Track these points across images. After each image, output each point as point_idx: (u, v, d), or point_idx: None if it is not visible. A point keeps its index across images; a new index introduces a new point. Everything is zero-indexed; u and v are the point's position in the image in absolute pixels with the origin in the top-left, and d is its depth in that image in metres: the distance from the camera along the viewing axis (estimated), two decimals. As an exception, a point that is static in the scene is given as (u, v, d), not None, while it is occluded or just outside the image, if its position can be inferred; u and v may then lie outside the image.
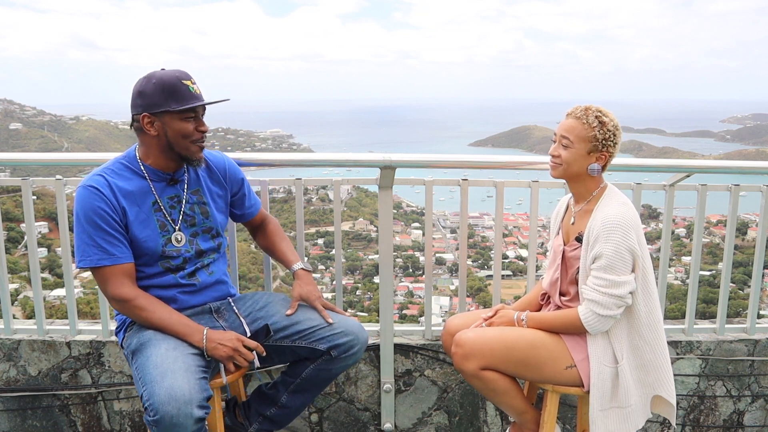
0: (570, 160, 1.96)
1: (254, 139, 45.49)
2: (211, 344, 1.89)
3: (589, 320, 1.91)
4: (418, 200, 27.63)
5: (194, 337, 1.90)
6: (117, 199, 1.92)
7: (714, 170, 2.78)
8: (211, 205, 2.11)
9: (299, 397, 2.18)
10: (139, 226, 1.96)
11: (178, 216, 2.04)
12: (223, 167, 2.18)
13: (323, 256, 21.59)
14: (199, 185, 2.10)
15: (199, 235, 2.08)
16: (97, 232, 1.89)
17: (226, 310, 2.14)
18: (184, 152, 1.97)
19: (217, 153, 2.21)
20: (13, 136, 39.46)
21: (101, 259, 1.90)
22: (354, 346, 2.08)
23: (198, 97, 1.93)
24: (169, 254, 2.01)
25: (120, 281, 1.93)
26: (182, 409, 1.67)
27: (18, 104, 44.36)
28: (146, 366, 1.81)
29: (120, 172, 1.97)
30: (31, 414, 2.69)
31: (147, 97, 1.91)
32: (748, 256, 8.11)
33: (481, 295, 17.33)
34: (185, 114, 1.92)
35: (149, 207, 1.99)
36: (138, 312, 1.93)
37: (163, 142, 1.95)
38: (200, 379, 1.78)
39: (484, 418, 2.76)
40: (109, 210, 1.90)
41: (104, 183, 1.92)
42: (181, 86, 1.90)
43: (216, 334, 1.92)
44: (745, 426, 2.86)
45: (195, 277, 2.08)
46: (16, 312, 9.39)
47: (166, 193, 2.03)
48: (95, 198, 1.89)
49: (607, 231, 1.87)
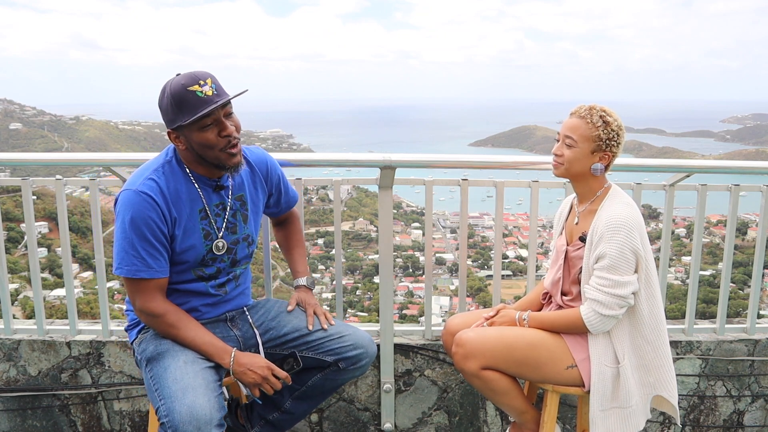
0: (573, 159, 1.96)
1: (254, 139, 45.47)
2: (239, 368, 1.86)
3: (591, 320, 1.91)
4: (418, 200, 27.63)
5: (223, 360, 1.86)
6: (169, 208, 1.84)
7: (714, 170, 2.78)
8: (251, 210, 2.05)
9: (303, 404, 2.17)
10: (185, 234, 1.89)
11: (222, 224, 1.97)
12: (265, 167, 2.10)
13: (323, 256, 21.59)
14: (243, 190, 2.02)
15: (239, 243, 2.02)
16: (142, 243, 1.81)
17: (240, 319, 2.11)
18: (216, 161, 1.85)
19: (257, 150, 2.11)
20: (13, 136, 39.45)
21: (139, 270, 1.82)
22: (362, 359, 2.07)
23: (208, 101, 1.76)
24: (206, 262, 1.96)
25: (152, 295, 1.87)
26: (202, 429, 1.65)
27: (18, 104, 44.35)
28: (164, 379, 1.77)
29: (170, 176, 1.88)
30: (31, 414, 2.69)
31: (164, 114, 1.82)
32: (748, 256, 8.11)
33: (481, 295, 17.33)
34: (201, 123, 1.78)
35: (196, 215, 1.91)
36: (167, 328, 1.88)
37: (194, 154, 1.86)
38: (218, 396, 1.76)
39: (484, 418, 2.76)
40: (160, 222, 1.82)
41: (157, 189, 1.83)
42: (187, 95, 1.75)
43: (245, 358, 1.88)
44: (745, 426, 2.86)
45: (224, 288, 2.04)
46: (16, 312, 9.39)
47: (213, 200, 1.95)
48: (148, 207, 1.80)
49: (611, 231, 1.87)
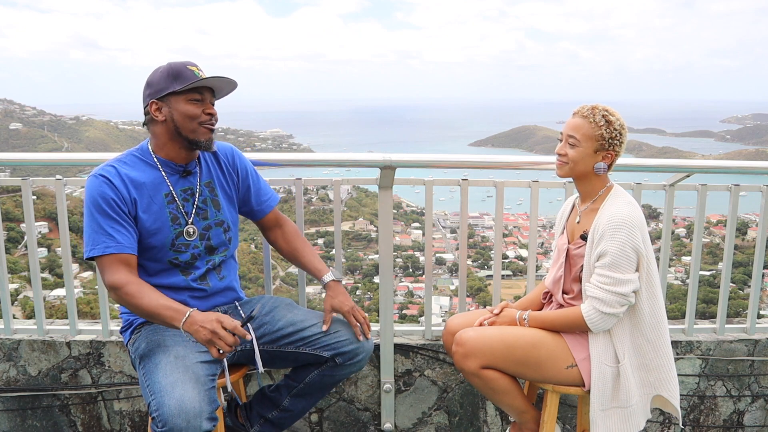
0: (577, 158, 1.96)
1: (254, 139, 45.50)
2: (192, 327, 1.76)
3: (592, 318, 1.91)
4: (418, 200, 27.63)
5: (176, 320, 1.78)
6: (127, 189, 1.90)
7: (714, 170, 2.78)
8: (221, 197, 2.09)
9: (302, 401, 2.17)
10: (150, 218, 1.93)
11: (191, 209, 2.01)
12: (231, 154, 2.16)
13: (323, 256, 21.42)
14: (211, 177, 2.08)
15: (211, 228, 2.05)
16: (104, 219, 1.86)
17: (233, 314, 2.12)
18: (192, 135, 1.93)
19: (224, 143, 2.19)
20: (13, 136, 39.47)
21: (108, 246, 1.85)
22: (359, 353, 2.08)
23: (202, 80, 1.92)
24: (178, 248, 1.98)
25: (116, 268, 1.86)
26: (192, 422, 1.65)
27: (18, 104, 44.38)
28: (155, 374, 1.78)
29: (132, 164, 1.96)
30: (31, 414, 2.69)
31: (153, 85, 1.92)
32: (748, 256, 8.11)
33: (481, 295, 17.33)
34: (190, 95, 1.91)
35: (162, 199, 1.96)
36: (128, 299, 1.84)
37: (171, 127, 1.93)
38: (209, 390, 1.77)
39: (484, 418, 2.76)
40: (117, 199, 1.88)
41: (114, 173, 1.91)
42: (185, 70, 1.91)
43: (199, 316, 1.78)
44: (745, 426, 2.86)
45: (206, 281, 2.05)
46: (16, 312, 9.40)
47: (180, 185, 2.00)
48: (104, 186, 1.87)
49: (613, 229, 1.88)
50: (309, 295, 15.66)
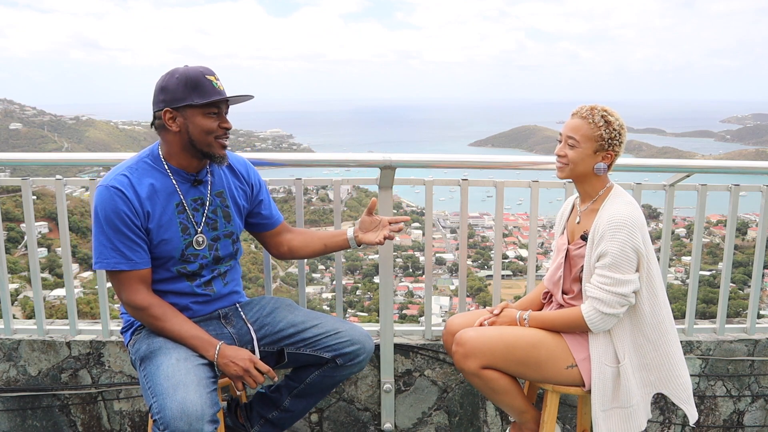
0: (576, 159, 1.96)
1: (254, 139, 45.46)
2: (223, 360, 1.85)
3: (592, 318, 1.91)
4: (418, 200, 27.60)
5: (207, 352, 1.86)
6: (140, 202, 1.86)
7: (714, 170, 2.78)
8: (232, 208, 2.07)
9: (302, 402, 2.17)
10: (161, 228, 1.91)
11: (201, 219, 1.98)
12: (246, 167, 2.15)
13: (323, 256, 21.54)
14: (223, 187, 2.05)
15: (220, 239, 2.03)
16: (116, 235, 1.84)
17: (234, 315, 2.11)
18: (206, 149, 1.90)
19: (236, 155, 2.17)
20: (13, 136, 39.45)
21: (119, 263, 1.85)
22: (360, 354, 2.08)
23: (221, 93, 1.88)
24: (187, 258, 1.96)
25: (136, 287, 1.88)
26: (193, 425, 1.66)
27: (18, 104, 44.34)
28: (156, 376, 1.78)
29: (145, 172, 1.91)
30: (31, 414, 2.69)
31: (169, 92, 1.85)
32: (748, 256, 8.11)
33: (481, 295, 17.32)
34: (208, 109, 1.87)
35: (173, 208, 1.93)
36: (152, 321, 1.89)
37: (185, 138, 1.89)
38: (211, 393, 1.77)
39: (484, 418, 2.76)
40: (131, 214, 1.84)
41: (127, 183, 1.86)
42: (204, 81, 1.85)
43: (229, 351, 1.87)
44: (745, 426, 2.86)
45: (210, 286, 2.04)
46: (16, 312, 9.40)
47: (191, 194, 1.97)
48: (117, 200, 1.83)
49: (613, 229, 1.88)
50: (309, 295, 15.59)
